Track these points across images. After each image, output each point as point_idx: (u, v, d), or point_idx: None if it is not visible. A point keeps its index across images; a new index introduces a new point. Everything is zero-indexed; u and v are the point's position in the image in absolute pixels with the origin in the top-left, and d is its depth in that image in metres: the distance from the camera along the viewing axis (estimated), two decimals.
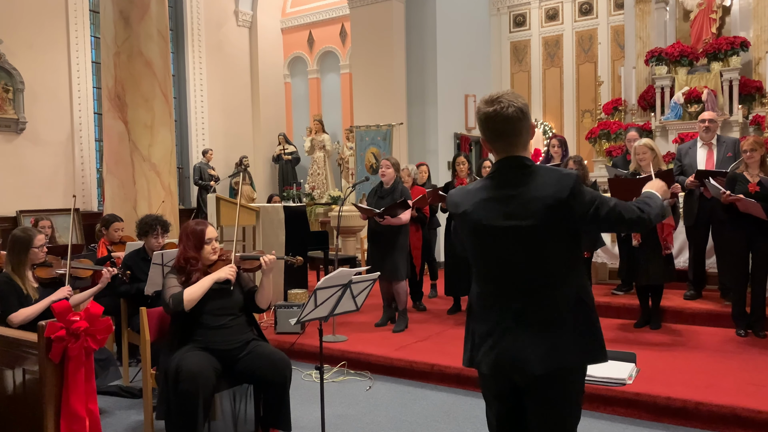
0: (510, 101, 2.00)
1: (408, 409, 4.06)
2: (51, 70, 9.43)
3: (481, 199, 2.05)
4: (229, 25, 12.38)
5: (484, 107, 2.04)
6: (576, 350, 1.97)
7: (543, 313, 1.97)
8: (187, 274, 3.34)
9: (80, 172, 9.82)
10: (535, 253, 1.97)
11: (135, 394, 4.30)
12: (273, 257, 3.46)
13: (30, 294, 3.82)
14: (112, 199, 6.54)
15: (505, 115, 1.99)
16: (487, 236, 2.02)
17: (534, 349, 1.95)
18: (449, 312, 6.22)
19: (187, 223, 3.49)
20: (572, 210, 1.95)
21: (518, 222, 1.96)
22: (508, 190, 2.00)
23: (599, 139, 9.09)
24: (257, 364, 3.25)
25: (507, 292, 2.02)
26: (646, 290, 5.29)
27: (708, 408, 3.57)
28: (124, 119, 6.44)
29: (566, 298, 1.98)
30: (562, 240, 1.98)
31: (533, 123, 2.23)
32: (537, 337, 1.96)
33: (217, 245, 3.45)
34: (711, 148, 5.57)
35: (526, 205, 1.95)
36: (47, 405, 2.93)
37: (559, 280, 1.99)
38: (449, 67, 9.56)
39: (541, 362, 1.94)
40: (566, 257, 2.00)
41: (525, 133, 2.03)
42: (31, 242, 3.88)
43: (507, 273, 2.01)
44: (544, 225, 1.94)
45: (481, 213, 2.03)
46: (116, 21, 6.43)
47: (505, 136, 2.02)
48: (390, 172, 5.57)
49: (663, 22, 8.96)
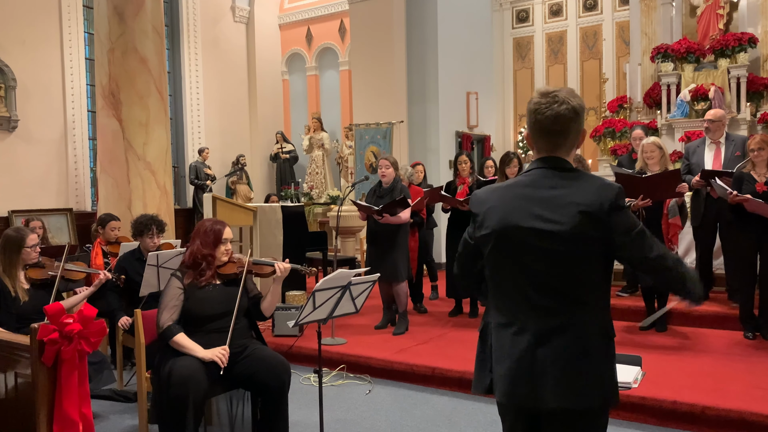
0: (565, 98, 1.87)
1: (408, 414, 4.06)
2: (44, 67, 9.43)
3: (510, 196, 1.92)
4: (226, 20, 12.38)
5: (536, 98, 1.91)
6: (600, 390, 1.85)
7: (569, 341, 1.83)
8: (199, 272, 3.33)
9: (73, 171, 9.82)
10: (563, 266, 1.83)
11: (129, 398, 4.30)
12: (288, 265, 3.44)
13: (19, 295, 3.81)
14: (106, 198, 6.53)
15: (555, 111, 1.86)
16: (511, 238, 1.88)
17: (555, 382, 1.82)
18: (450, 314, 6.22)
19: (204, 221, 3.50)
20: (610, 224, 1.80)
21: (548, 226, 1.82)
22: (541, 191, 1.87)
23: (604, 137, 9.09)
24: (255, 368, 3.25)
25: (529, 309, 1.87)
26: (652, 292, 5.29)
27: (715, 412, 3.57)
28: (119, 117, 6.44)
29: (593, 328, 1.85)
30: (593, 258, 1.84)
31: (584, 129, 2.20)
32: (560, 368, 1.82)
33: (230, 246, 3.46)
34: (719, 146, 5.57)
35: (560, 209, 1.82)
36: (40, 409, 2.93)
37: (586, 305, 1.85)
38: (451, 64, 9.56)
39: (561, 397, 1.82)
40: (595, 280, 1.86)
41: (573, 135, 1.91)
42: (23, 242, 3.88)
43: (529, 285, 1.87)
44: (575, 234, 1.80)
45: (508, 210, 1.89)
46: (110, 17, 6.43)
47: (551, 134, 1.89)
48: (390, 172, 5.57)
49: (669, 17, 8.96)
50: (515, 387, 1.88)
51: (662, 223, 4.99)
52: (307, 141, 12.06)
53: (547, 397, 1.83)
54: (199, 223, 3.51)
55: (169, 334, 3.20)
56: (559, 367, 1.82)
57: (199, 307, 3.26)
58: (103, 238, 5.35)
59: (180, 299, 3.28)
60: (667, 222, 4.99)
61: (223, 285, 3.38)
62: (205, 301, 3.29)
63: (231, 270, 3.42)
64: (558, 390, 1.82)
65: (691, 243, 5.94)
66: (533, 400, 1.86)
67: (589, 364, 1.83)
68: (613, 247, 1.84)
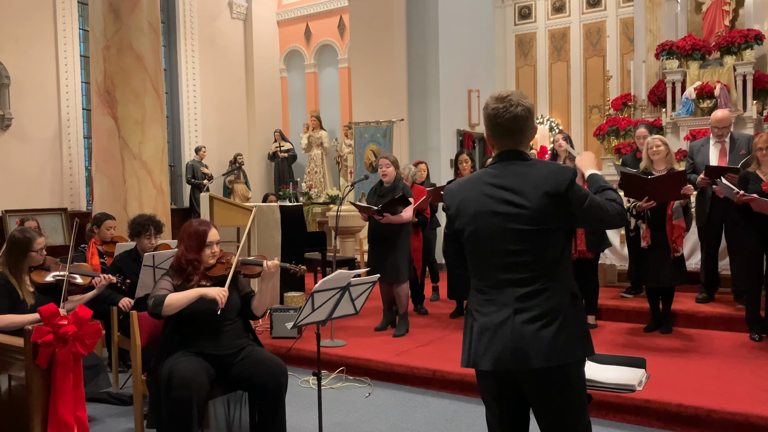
0: (518, 100, 2.18)
1: (409, 417, 4.06)
2: (38, 64, 9.44)
3: (479, 186, 2.21)
4: (223, 17, 12.39)
5: (492, 104, 2.21)
6: (576, 345, 2.13)
7: (542, 307, 2.11)
8: (185, 277, 3.33)
9: (68, 170, 9.82)
10: (531, 242, 2.12)
11: (125, 401, 4.29)
12: (276, 263, 3.42)
13: (25, 299, 3.79)
14: (102, 198, 6.54)
15: (513, 113, 2.17)
16: (484, 223, 2.17)
17: (535, 343, 2.08)
18: (452, 316, 6.22)
19: (190, 222, 3.47)
20: (569, 202, 2.12)
21: (516, 209, 2.12)
22: (507, 179, 2.16)
23: (608, 135, 9.08)
24: (252, 371, 3.25)
25: (505, 284, 2.15)
26: (657, 293, 5.29)
27: (721, 415, 3.57)
28: (114, 115, 6.44)
29: (563, 292, 2.15)
30: (556, 232, 2.14)
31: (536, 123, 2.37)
32: (538, 330, 2.09)
33: (216, 249, 3.43)
34: (724, 145, 5.58)
35: (525, 193, 2.12)
36: (34, 412, 2.93)
37: (555, 273, 2.14)
38: (452, 61, 9.56)
39: (544, 356, 2.07)
40: (560, 251, 2.16)
41: (529, 131, 2.23)
42: (30, 245, 3.85)
43: (504, 263, 2.15)
44: (541, 214, 2.10)
45: (480, 199, 2.19)
46: (105, 13, 6.43)
47: (511, 133, 2.20)
48: (390, 171, 5.56)
49: (674, 14, 8.96)
50: (500, 354, 2.12)
51: (666, 225, 4.99)
52: (305, 139, 12.06)
53: (531, 359, 2.08)
54: (184, 225, 3.48)
55: (158, 299, 3.16)
56: (536, 330, 2.09)
57: (190, 307, 3.25)
58: (98, 237, 5.35)
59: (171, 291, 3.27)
60: (671, 224, 4.99)
61: (212, 286, 3.36)
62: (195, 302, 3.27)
63: (220, 272, 3.41)
64: (540, 350, 2.07)
65: (696, 243, 5.94)
66: (516, 363, 2.10)
67: (563, 323, 2.11)
68: (573, 220, 2.17)
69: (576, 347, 2.13)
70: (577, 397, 2.18)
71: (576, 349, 2.13)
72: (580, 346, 2.15)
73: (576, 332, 2.14)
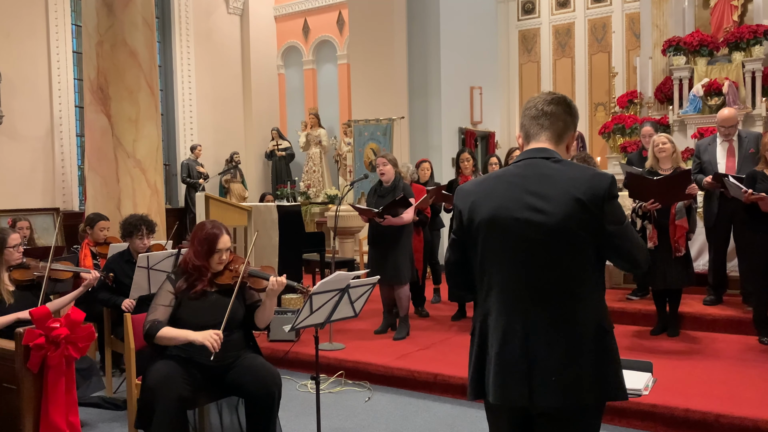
0: (563, 97, 2.04)
1: (409, 422, 4.06)
2: (29, 61, 9.44)
3: (498, 185, 1.95)
4: (219, 12, 12.39)
5: (534, 97, 2.05)
6: (596, 387, 1.86)
7: (563, 338, 1.85)
8: (190, 282, 3.31)
9: (60, 169, 9.82)
10: (554, 256, 1.86)
11: (119, 406, 4.30)
12: (283, 282, 3.33)
13: (4, 298, 3.80)
14: (95, 197, 6.53)
15: (551, 103, 2.00)
16: (503, 230, 1.91)
17: (548, 379, 1.84)
18: (453, 318, 6.22)
19: (202, 224, 3.42)
20: (603, 213, 1.86)
21: (539, 216, 1.86)
22: (532, 179, 1.90)
23: (613, 134, 9.09)
24: (244, 378, 3.24)
25: (521, 305, 1.89)
26: (663, 295, 5.29)
27: (729, 420, 3.57)
28: (107, 113, 6.44)
29: (587, 322, 1.88)
30: (584, 248, 1.87)
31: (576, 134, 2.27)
32: (554, 365, 1.85)
33: (225, 256, 3.37)
34: (731, 144, 5.57)
35: (553, 198, 1.86)
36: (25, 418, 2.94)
37: (578, 297, 1.88)
38: (453, 58, 9.57)
39: (555, 395, 1.84)
40: (587, 271, 1.89)
41: (567, 133, 2.02)
42: (4, 242, 3.87)
43: (522, 279, 1.89)
44: (567, 223, 1.84)
45: (498, 202, 1.92)
46: (98, 8, 6.43)
47: (545, 128, 1.99)
48: (388, 170, 5.55)
49: (681, 9, 8.96)
50: (506, 387, 1.89)
51: (669, 225, 4.99)
52: (303, 138, 12.07)
53: (538, 397, 1.85)
54: (198, 224, 3.46)
55: (152, 331, 3.17)
56: (550, 365, 1.84)
57: (191, 315, 3.24)
58: (91, 238, 5.35)
59: (171, 303, 3.27)
60: (674, 223, 4.99)
61: (218, 293, 3.35)
62: (197, 309, 3.26)
63: (227, 279, 3.37)
64: (549, 389, 1.84)
65: (704, 245, 5.94)
66: (524, 399, 1.87)
67: (583, 361, 1.84)
68: (603, 235, 1.88)
69: (595, 389, 1.85)
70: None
71: (594, 391, 1.85)
72: (602, 389, 1.86)
73: (596, 373, 1.85)
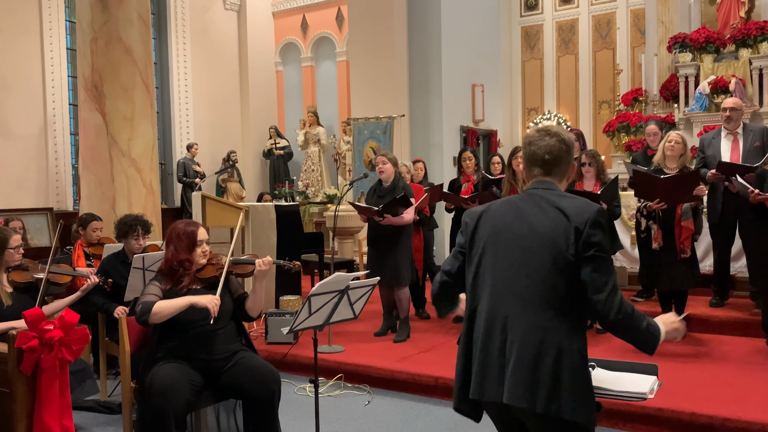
0: (557, 132, 2.24)
1: (410, 426, 4.06)
2: (22, 58, 9.43)
3: (503, 206, 2.25)
4: (216, 8, 12.39)
5: (531, 133, 2.28)
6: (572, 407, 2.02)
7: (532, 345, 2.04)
8: (177, 279, 3.33)
9: (54, 168, 9.82)
10: (540, 268, 2.08)
11: (113, 410, 4.29)
12: (269, 260, 3.43)
13: (2, 299, 3.81)
14: (89, 197, 6.54)
15: (549, 143, 2.21)
16: (501, 240, 2.17)
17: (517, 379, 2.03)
18: (455, 321, 6.21)
19: (175, 224, 3.48)
20: (586, 235, 2.06)
21: (531, 234, 2.11)
22: (530, 206, 2.17)
23: (618, 132, 9.09)
24: (243, 378, 3.25)
25: (504, 309, 2.11)
26: (669, 297, 5.29)
27: (736, 424, 3.56)
28: (102, 111, 6.44)
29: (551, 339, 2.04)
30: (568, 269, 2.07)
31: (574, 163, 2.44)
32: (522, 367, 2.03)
33: (207, 248, 3.45)
34: (736, 137, 5.53)
35: (544, 222, 2.11)
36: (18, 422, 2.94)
37: (555, 314, 2.06)
38: (455, 55, 9.57)
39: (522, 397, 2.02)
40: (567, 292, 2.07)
41: (564, 165, 2.24)
42: (6, 243, 3.87)
43: (509, 284, 2.12)
44: (556, 244, 2.07)
45: (501, 217, 2.21)
46: (93, 4, 6.44)
47: (544, 163, 2.22)
48: (388, 168, 5.55)
49: (687, 5, 8.97)
50: (483, 383, 2.11)
51: (675, 226, 4.99)
52: (302, 136, 12.07)
53: (509, 396, 2.04)
54: (170, 228, 3.49)
55: (147, 307, 3.16)
56: (519, 367, 2.04)
57: (180, 315, 3.25)
58: (84, 239, 5.35)
59: (161, 297, 3.28)
60: (680, 225, 4.99)
61: (204, 289, 3.38)
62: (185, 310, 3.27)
63: (211, 273, 3.42)
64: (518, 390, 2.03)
65: (709, 245, 5.92)
66: (498, 396, 2.07)
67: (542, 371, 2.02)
68: (581, 260, 2.06)
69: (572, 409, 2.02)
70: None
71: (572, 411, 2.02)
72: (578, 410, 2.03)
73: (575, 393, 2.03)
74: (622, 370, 4.14)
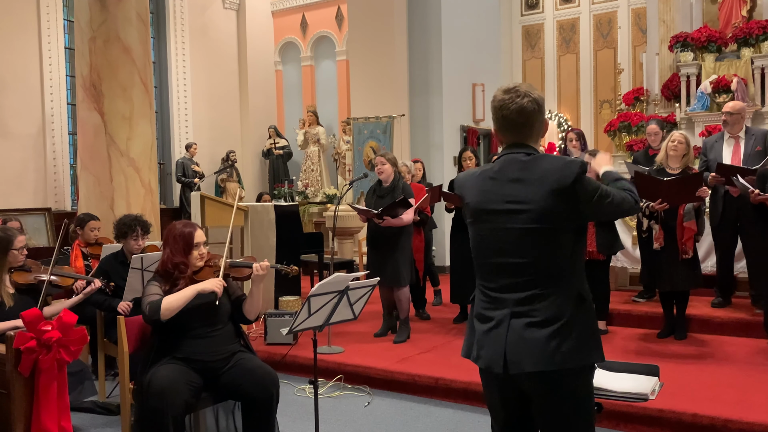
0: (526, 91, 2.18)
1: (410, 427, 4.06)
2: (20, 57, 9.43)
3: (482, 181, 2.23)
4: (215, 7, 12.39)
5: (499, 95, 2.21)
6: (578, 351, 2.10)
7: (543, 311, 2.09)
8: (173, 281, 3.33)
9: (52, 167, 9.82)
10: (536, 242, 2.11)
11: (112, 411, 4.29)
12: (266, 264, 3.44)
13: (4, 300, 3.80)
14: (87, 197, 6.53)
15: (519, 104, 2.16)
16: (486, 221, 2.19)
17: (528, 347, 2.08)
18: (455, 321, 6.22)
19: (173, 225, 3.48)
20: (576, 196, 2.09)
21: (518, 206, 2.11)
22: (510, 174, 2.16)
23: (619, 132, 9.09)
24: (241, 380, 3.26)
25: (505, 287, 2.15)
26: (671, 297, 5.29)
27: (738, 426, 3.56)
28: (100, 110, 6.44)
29: (569, 295, 2.12)
30: (563, 231, 2.12)
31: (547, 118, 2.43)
32: (534, 335, 2.09)
33: (204, 250, 3.45)
34: (738, 141, 5.54)
35: (529, 189, 2.11)
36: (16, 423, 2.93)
37: (561, 277, 2.12)
38: (455, 54, 9.56)
39: (537, 361, 2.06)
40: (569, 253, 2.14)
41: (537, 125, 2.22)
42: (10, 243, 3.86)
43: (505, 264, 2.15)
44: (546, 212, 2.08)
45: (481, 196, 2.21)
46: (91, 3, 6.43)
47: (517, 126, 2.19)
48: (387, 169, 5.54)
49: (689, 4, 8.97)
50: (493, 356, 2.14)
51: (677, 227, 4.99)
52: (301, 136, 12.07)
53: (523, 364, 2.08)
54: (167, 228, 3.49)
55: (154, 306, 3.17)
56: (532, 334, 2.08)
57: (178, 314, 3.25)
58: (81, 239, 5.35)
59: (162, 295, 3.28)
60: (682, 225, 4.99)
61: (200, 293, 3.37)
62: (182, 310, 3.28)
63: (207, 275, 3.42)
64: (533, 354, 2.07)
65: (711, 245, 5.92)
66: (508, 366, 2.10)
67: (564, 327, 2.08)
68: (583, 216, 2.16)
69: (578, 353, 2.09)
70: (580, 406, 2.15)
71: (578, 355, 2.10)
72: (584, 352, 2.11)
73: (580, 337, 2.10)
74: (624, 371, 4.16)
